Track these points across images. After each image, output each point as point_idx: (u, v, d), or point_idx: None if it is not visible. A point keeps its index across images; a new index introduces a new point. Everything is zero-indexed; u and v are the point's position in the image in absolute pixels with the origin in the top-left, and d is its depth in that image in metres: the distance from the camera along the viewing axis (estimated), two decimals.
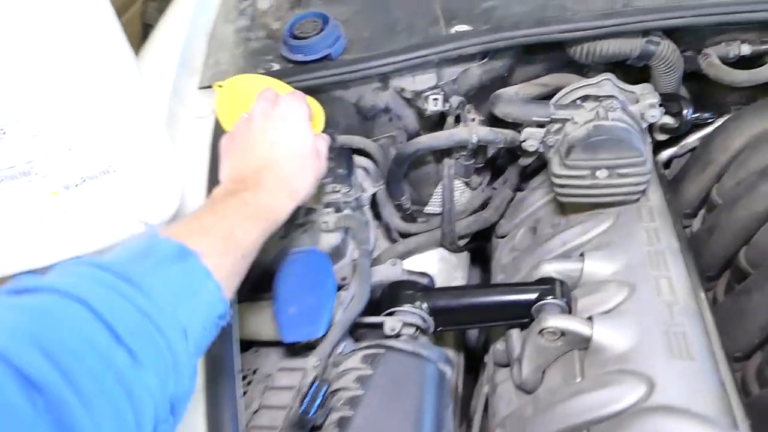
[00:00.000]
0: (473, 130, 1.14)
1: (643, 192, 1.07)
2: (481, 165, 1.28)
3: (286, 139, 0.82)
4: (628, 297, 0.96)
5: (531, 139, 1.11)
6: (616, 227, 1.09)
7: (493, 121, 1.21)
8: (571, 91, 1.12)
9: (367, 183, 1.22)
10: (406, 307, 1.03)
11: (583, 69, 1.28)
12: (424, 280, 1.09)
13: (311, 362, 0.89)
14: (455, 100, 1.14)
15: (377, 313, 1.05)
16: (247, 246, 0.69)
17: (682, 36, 1.16)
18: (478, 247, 1.45)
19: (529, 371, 0.98)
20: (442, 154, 1.23)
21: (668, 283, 0.96)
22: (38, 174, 0.69)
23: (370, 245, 1.03)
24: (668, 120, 1.13)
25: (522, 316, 1.01)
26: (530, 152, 1.13)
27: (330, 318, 0.91)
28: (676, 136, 1.19)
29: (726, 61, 1.14)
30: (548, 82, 1.21)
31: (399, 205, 1.28)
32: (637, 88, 1.10)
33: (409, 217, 1.32)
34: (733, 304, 0.97)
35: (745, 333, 0.92)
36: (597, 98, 1.07)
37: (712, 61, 1.11)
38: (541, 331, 0.94)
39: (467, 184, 1.31)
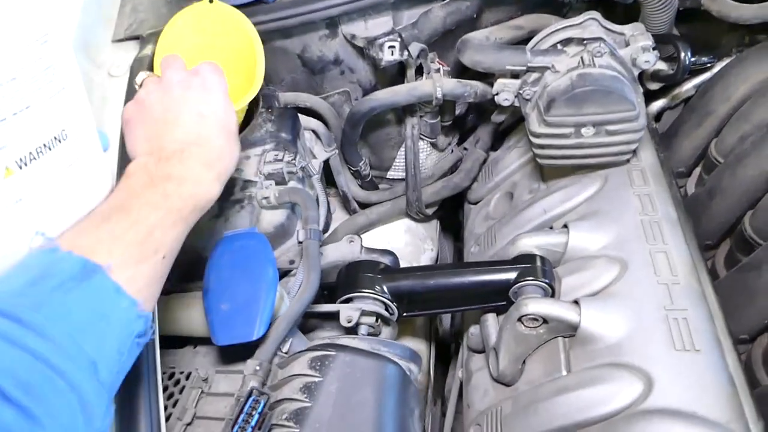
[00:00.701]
0: (438, 83, 0.97)
1: (635, 151, 0.93)
2: (448, 123, 1.12)
3: (215, 113, 0.69)
4: (619, 276, 0.83)
5: (505, 91, 0.95)
6: (603, 193, 0.95)
7: (461, 71, 1.05)
8: (551, 33, 0.96)
9: (317, 148, 1.05)
10: (366, 292, 0.89)
11: (562, 9, 1.12)
12: (386, 259, 0.95)
13: (250, 367, 0.74)
14: (415, 47, 0.97)
15: (332, 300, 0.91)
16: (168, 245, 0.59)
17: None
18: (448, 215, 1.31)
19: (507, 362, 0.85)
20: (403, 111, 1.07)
21: (666, 258, 0.83)
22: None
23: (320, 223, 0.87)
24: (662, 66, 0.98)
25: (499, 299, 0.87)
26: (504, 107, 0.97)
27: (270, 314, 0.76)
28: (669, 84, 1.04)
29: None
30: (523, 24, 1.04)
31: (357, 171, 1.12)
32: (627, 29, 0.94)
33: (369, 184, 1.16)
34: (739, 281, 0.84)
35: (755, 313, 0.80)
36: (581, 42, 0.91)
37: None
38: (520, 318, 0.81)
39: (434, 145, 1.15)
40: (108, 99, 0.92)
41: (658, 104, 1.12)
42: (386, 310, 0.89)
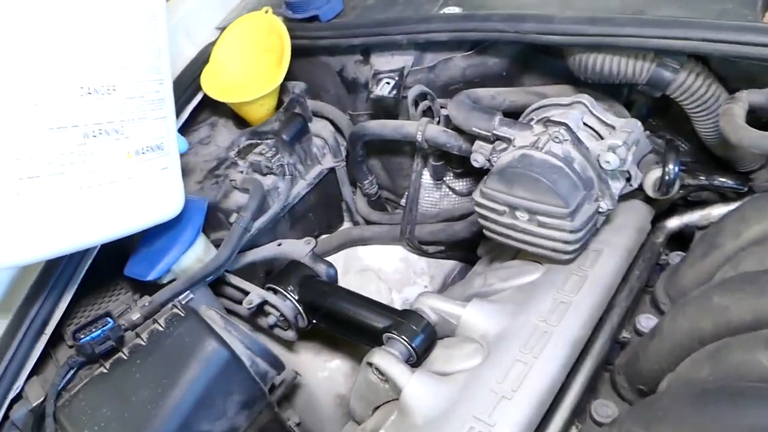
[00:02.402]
0: (421, 127, 0.99)
1: (573, 254, 0.84)
2: (459, 171, 1.12)
3: None
4: (472, 368, 0.78)
5: (479, 153, 0.93)
6: (532, 285, 0.87)
7: None
8: (539, 108, 0.90)
9: (327, 157, 1.15)
10: (278, 287, 0.99)
11: (620, 94, 1.01)
12: (322, 270, 1.02)
13: (141, 302, 0.92)
14: (416, 90, 1.00)
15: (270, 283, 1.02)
16: None
17: (726, 69, 0.84)
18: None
19: (357, 401, 0.88)
20: (415, 146, 1.10)
21: (523, 371, 0.75)
22: (124, 134, 0.75)
23: (251, 213, 0.97)
24: (657, 175, 0.85)
25: (374, 339, 0.89)
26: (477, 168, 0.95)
27: (169, 266, 0.92)
28: (667, 198, 0.88)
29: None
30: (547, 93, 0.98)
31: (361, 188, 1.19)
32: (619, 123, 0.83)
33: (375, 203, 1.22)
34: None
35: None
36: (552, 122, 0.85)
37: (732, 110, 0.77)
38: (369, 364, 0.83)
39: (452, 189, 1.16)
40: None
41: (684, 220, 0.94)
42: (291, 311, 0.97)
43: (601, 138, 0.85)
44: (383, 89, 1.00)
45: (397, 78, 1.00)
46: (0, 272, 0.87)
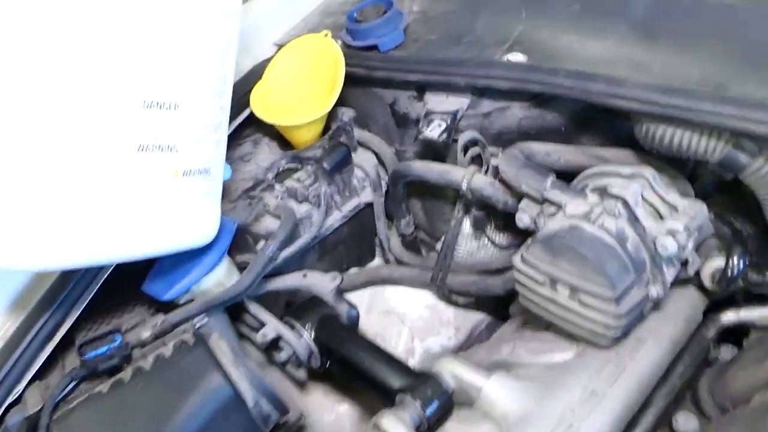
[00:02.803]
0: (467, 176, 0.94)
1: (615, 340, 0.76)
2: (501, 223, 1.06)
3: None
4: None
5: (524, 212, 0.87)
6: (564, 366, 0.80)
7: None
8: (595, 174, 0.84)
9: (366, 190, 1.11)
10: (294, 323, 0.95)
11: (685, 166, 0.93)
12: (343, 310, 0.97)
13: (154, 319, 0.89)
14: (467, 135, 0.95)
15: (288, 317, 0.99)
16: None
17: None
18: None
19: None
20: (458, 192, 1.05)
21: None
22: (179, 152, 0.73)
23: (279, 242, 0.92)
24: (718, 265, 0.77)
25: (386, 396, 0.84)
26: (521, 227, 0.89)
27: (187, 288, 0.89)
28: (728, 292, 0.80)
29: None
30: (607, 156, 0.91)
31: (397, 227, 1.14)
32: (683, 204, 0.76)
33: (410, 243, 1.17)
34: None
35: None
36: (608, 193, 0.78)
37: None
38: (374, 425, 0.78)
39: (492, 240, 1.10)
40: None
41: (741, 316, 0.85)
42: (304, 351, 0.93)
43: (661, 217, 0.79)
44: (433, 131, 0.95)
45: (449, 121, 0.95)
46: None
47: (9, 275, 0.84)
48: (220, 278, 0.94)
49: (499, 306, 1.15)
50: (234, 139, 1.16)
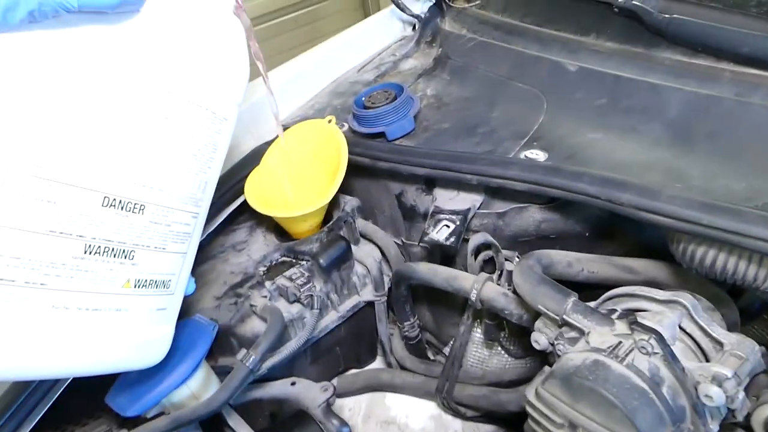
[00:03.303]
0: (477, 285, 0.84)
1: None
2: (516, 333, 0.94)
3: None
4: None
5: (541, 333, 0.76)
6: None
7: None
8: (625, 295, 0.73)
9: (367, 288, 1.01)
10: None
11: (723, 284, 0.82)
12: (333, 428, 0.85)
13: None
14: (479, 238, 0.85)
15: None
16: None
17: None
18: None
19: None
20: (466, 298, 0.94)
21: None
22: (134, 260, 0.65)
23: (262, 353, 0.81)
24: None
25: None
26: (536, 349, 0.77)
27: (154, 403, 0.78)
28: None
29: None
30: (637, 269, 0.80)
31: (401, 330, 1.03)
32: (730, 339, 0.65)
33: (414, 347, 1.05)
34: None
35: None
36: (640, 325, 0.67)
37: None
38: None
39: (505, 348, 0.98)
40: None
41: None
42: None
43: (703, 353, 0.67)
44: (441, 233, 0.86)
45: (458, 223, 0.86)
46: None
47: None
48: (194, 390, 0.84)
49: (512, 418, 1.03)
50: (229, 224, 1.08)
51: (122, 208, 0.62)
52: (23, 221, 0.54)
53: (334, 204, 1.04)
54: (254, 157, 1.06)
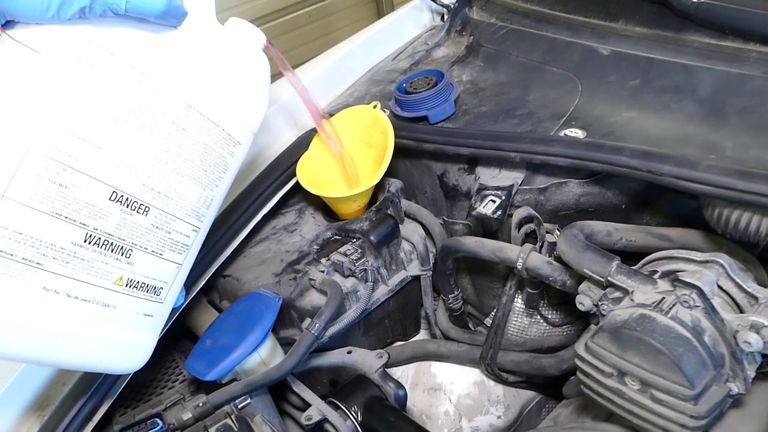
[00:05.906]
0: (522, 254, 0.90)
1: None
2: (555, 302, 1.01)
3: None
4: None
5: (585, 295, 0.83)
6: None
7: None
8: (664, 258, 0.79)
9: (413, 264, 1.08)
10: (340, 404, 0.90)
11: (754, 250, 0.88)
12: (391, 390, 0.92)
13: (195, 400, 0.86)
14: (523, 212, 0.92)
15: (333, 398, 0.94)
16: None
17: None
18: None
19: None
20: (510, 268, 1.01)
21: None
22: (129, 258, 0.68)
23: (325, 322, 0.88)
24: None
25: None
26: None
27: (230, 368, 0.85)
28: None
29: None
30: (672, 237, 0.87)
31: (445, 302, 1.10)
32: (764, 294, 0.71)
33: (458, 318, 1.12)
34: None
35: None
36: (681, 282, 0.73)
37: None
38: None
39: (545, 317, 1.05)
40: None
41: None
42: None
43: (739, 307, 0.73)
44: (487, 207, 0.92)
45: (503, 197, 0.93)
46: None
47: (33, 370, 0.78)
48: (263, 357, 0.91)
49: (550, 383, 1.09)
50: (280, 207, 1.15)
51: (128, 205, 0.67)
52: (33, 199, 0.58)
53: (378, 186, 1.11)
54: (302, 143, 1.13)
